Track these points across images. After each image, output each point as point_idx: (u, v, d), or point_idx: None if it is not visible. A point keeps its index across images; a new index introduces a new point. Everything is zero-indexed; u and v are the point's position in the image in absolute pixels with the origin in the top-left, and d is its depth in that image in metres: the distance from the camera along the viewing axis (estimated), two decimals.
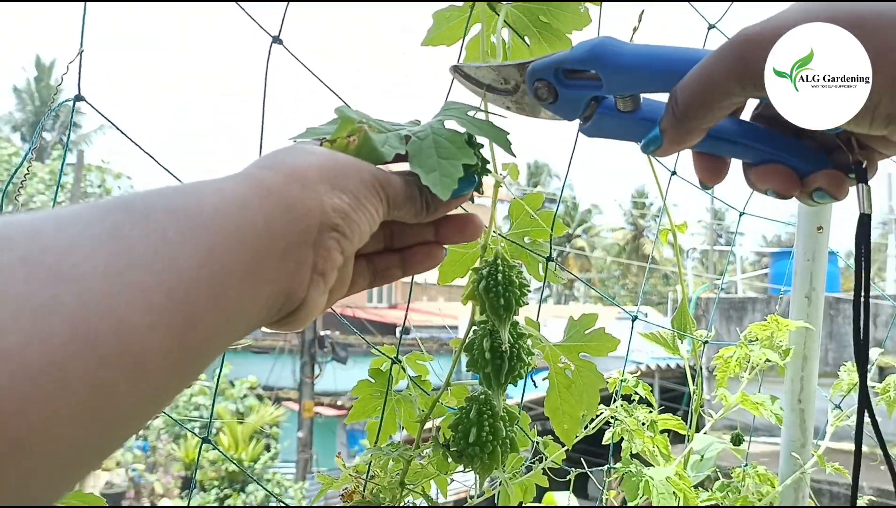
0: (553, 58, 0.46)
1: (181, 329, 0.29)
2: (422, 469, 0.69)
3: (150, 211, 0.31)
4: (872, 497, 1.38)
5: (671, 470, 0.97)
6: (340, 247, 0.41)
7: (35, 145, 0.66)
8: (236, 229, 0.34)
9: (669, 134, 0.42)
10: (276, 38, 0.73)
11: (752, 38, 0.38)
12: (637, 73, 0.43)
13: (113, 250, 0.28)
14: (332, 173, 0.41)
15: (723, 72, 0.38)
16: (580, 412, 0.73)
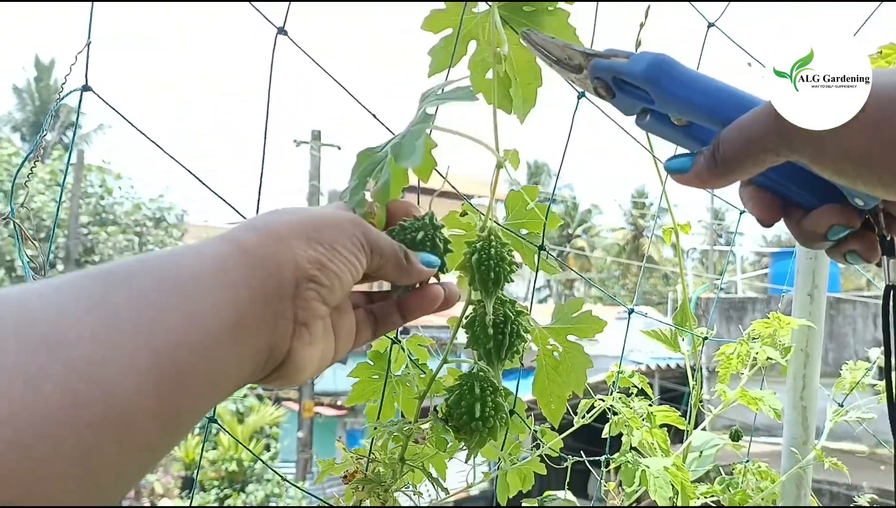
0: (611, 64, 0.47)
1: (168, 390, 0.30)
2: (420, 450, 0.71)
3: (134, 276, 0.32)
4: (873, 496, 1.38)
5: (669, 461, 0.97)
6: (320, 297, 0.43)
7: (39, 144, 0.66)
8: (216, 287, 0.36)
9: (701, 171, 0.44)
10: (280, 29, 0.73)
11: None
12: (687, 104, 0.44)
13: (99, 315, 0.29)
14: (308, 228, 0.43)
15: (762, 129, 0.40)
16: (567, 393, 0.76)
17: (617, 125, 0.99)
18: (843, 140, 0.37)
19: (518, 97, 0.77)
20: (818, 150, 0.38)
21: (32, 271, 0.64)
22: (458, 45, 0.75)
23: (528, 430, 0.84)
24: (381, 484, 0.69)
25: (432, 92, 0.56)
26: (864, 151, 0.36)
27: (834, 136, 0.37)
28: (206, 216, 20.23)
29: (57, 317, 0.28)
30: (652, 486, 0.92)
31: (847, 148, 0.37)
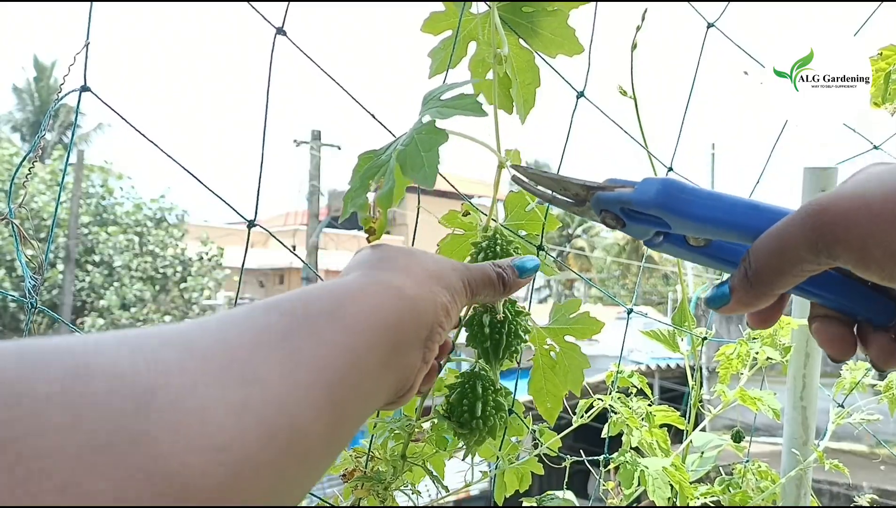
0: (617, 195, 0.46)
1: (333, 419, 0.35)
2: (420, 448, 0.71)
3: (309, 316, 0.37)
4: (873, 496, 1.38)
5: (668, 461, 0.97)
6: (440, 338, 0.48)
7: (39, 143, 0.66)
8: (374, 330, 0.40)
9: (740, 295, 0.42)
10: (279, 30, 0.74)
11: (828, 210, 0.37)
12: (707, 225, 0.42)
13: (284, 353, 0.34)
14: (439, 274, 0.49)
15: (798, 240, 0.38)
16: (563, 393, 0.77)
17: (617, 126, 0.99)
18: (888, 244, 0.35)
19: (518, 98, 0.78)
20: (862, 254, 0.36)
21: (31, 271, 0.64)
22: (457, 47, 0.75)
23: (527, 430, 0.85)
24: (380, 482, 0.69)
25: (435, 96, 0.56)
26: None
27: (880, 236, 0.35)
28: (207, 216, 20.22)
29: (251, 355, 0.33)
30: (650, 486, 0.92)
31: (889, 246, 0.35)
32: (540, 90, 0.78)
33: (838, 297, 0.42)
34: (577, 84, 0.93)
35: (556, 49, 0.76)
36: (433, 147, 0.51)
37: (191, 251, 15.00)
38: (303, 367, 0.34)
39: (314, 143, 11.99)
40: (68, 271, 11.88)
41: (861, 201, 0.36)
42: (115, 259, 13.98)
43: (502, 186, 0.66)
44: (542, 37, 0.75)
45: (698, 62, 1.09)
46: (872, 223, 0.35)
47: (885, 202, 0.35)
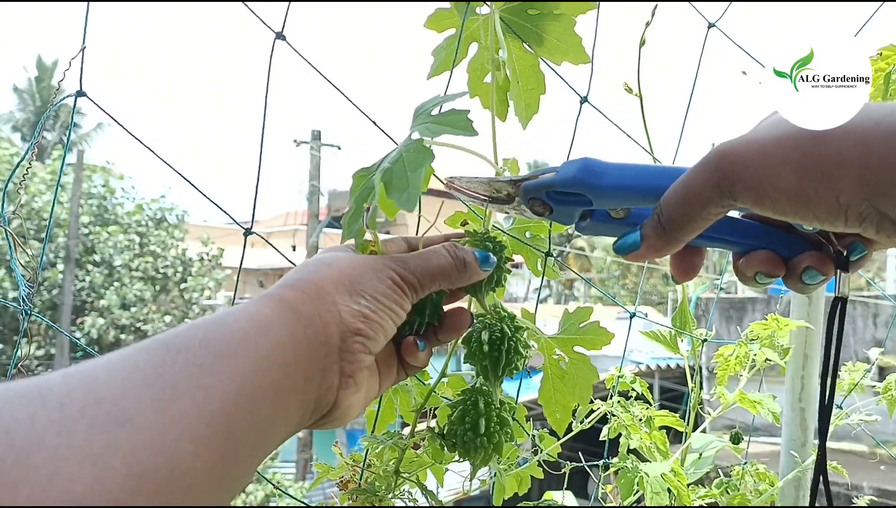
0: (541, 181, 0.49)
1: (223, 451, 0.33)
2: (417, 459, 0.70)
3: (188, 346, 0.35)
4: (873, 497, 1.38)
5: (667, 466, 0.97)
6: (366, 348, 0.45)
7: (35, 143, 0.66)
8: (265, 350, 0.38)
9: (651, 240, 0.45)
10: (279, 35, 0.73)
11: (728, 153, 0.40)
12: (622, 193, 0.46)
13: (159, 388, 0.32)
14: (349, 281, 0.46)
15: (703, 183, 0.41)
16: (573, 404, 0.75)
17: (616, 127, 0.99)
18: (778, 182, 0.38)
19: (520, 102, 0.76)
20: (759, 192, 0.39)
21: (25, 279, 0.64)
22: (460, 47, 0.74)
23: (527, 435, 0.84)
24: (375, 495, 0.68)
25: (426, 110, 0.54)
26: (799, 190, 0.38)
27: (773, 177, 0.39)
28: (206, 216, 20.22)
29: (121, 394, 0.31)
30: (648, 493, 0.92)
31: (784, 188, 0.38)
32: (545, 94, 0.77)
33: (744, 239, 0.46)
34: (580, 87, 0.92)
35: (561, 56, 0.75)
36: (419, 167, 0.48)
37: (191, 252, 15.00)
38: (180, 401, 0.32)
39: (314, 143, 11.99)
40: (68, 271, 11.88)
41: (756, 144, 0.39)
42: (116, 259, 13.98)
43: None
44: (548, 42, 0.74)
45: (699, 62, 1.09)
46: (765, 164, 0.39)
47: (776, 146, 0.39)
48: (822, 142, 0.38)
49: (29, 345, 2.18)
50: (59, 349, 11.67)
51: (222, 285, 15.47)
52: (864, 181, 0.36)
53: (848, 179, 0.37)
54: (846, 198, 0.37)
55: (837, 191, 0.37)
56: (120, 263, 13.93)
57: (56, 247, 13.08)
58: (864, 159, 0.36)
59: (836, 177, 0.37)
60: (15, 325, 12.86)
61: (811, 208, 0.38)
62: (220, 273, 15.45)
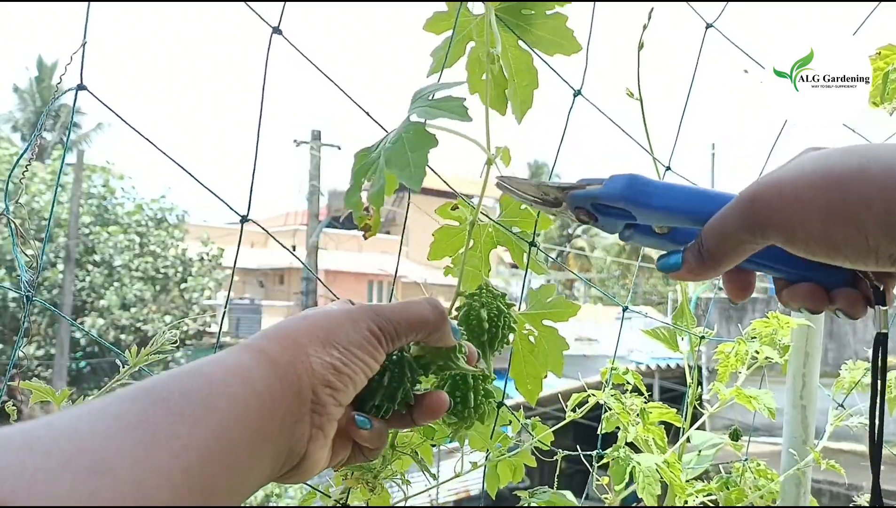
0: (588, 192, 0.51)
1: (199, 499, 0.35)
2: (408, 437, 0.73)
3: (169, 395, 0.37)
4: None
5: (661, 458, 0.97)
6: (336, 400, 0.46)
7: (35, 141, 0.66)
8: (243, 399, 0.39)
9: (691, 265, 0.47)
10: (276, 29, 0.74)
11: (758, 197, 0.42)
12: (667, 213, 0.48)
13: (139, 438, 0.34)
14: (324, 332, 0.46)
15: (737, 225, 0.43)
16: (543, 374, 0.79)
17: (617, 126, 0.99)
18: (808, 226, 0.40)
19: (515, 99, 0.79)
20: (789, 235, 0.41)
21: (27, 267, 0.64)
22: (455, 47, 0.76)
23: (519, 423, 0.87)
24: (370, 471, 0.69)
25: (424, 94, 0.56)
26: (827, 233, 0.40)
27: (801, 222, 0.40)
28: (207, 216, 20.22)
29: (103, 444, 0.32)
30: (640, 483, 0.93)
31: (813, 232, 0.40)
32: (540, 91, 0.79)
33: (789, 267, 0.47)
34: (576, 83, 0.93)
35: (554, 49, 0.77)
36: (420, 148, 0.51)
37: (191, 252, 15.01)
38: (159, 451, 0.34)
39: (314, 143, 11.99)
40: (68, 271, 11.88)
41: (785, 188, 0.41)
42: (116, 259, 13.98)
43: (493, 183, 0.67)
44: (541, 37, 0.76)
45: (697, 62, 1.09)
46: (794, 208, 0.40)
47: (803, 190, 0.40)
48: (847, 187, 0.39)
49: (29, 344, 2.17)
50: (58, 349, 11.66)
51: (222, 285, 15.47)
52: (890, 225, 0.38)
53: (874, 222, 0.38)
54: (874, 240, 0.39)
55: (865, 233, 0.39)
56: (120, 263, 13.93)
57: (56, 247, 13.08)
58: (889, 204, 0.38)
59: (862, 220, 0.38)
60: (15, 325, 12.86)
61: (841, 251, 0.40)
62: (220, 273, 15.45)
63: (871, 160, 0.39)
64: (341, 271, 17.77)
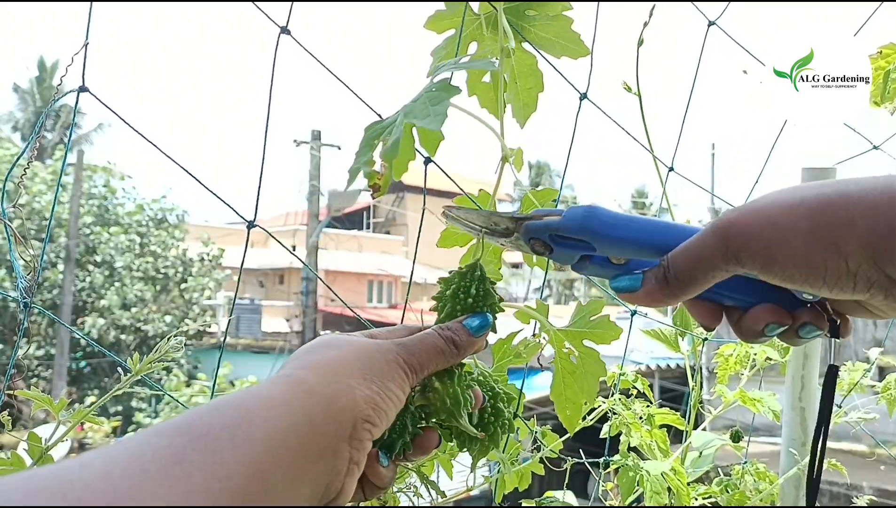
0: (546, 223, 0.50)
1: None
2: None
3: (208, 431, 0.36)
4: (873, 497, 1.38)
5: (667, 465, 0.97)
6: (371, 435, 0.45)
7: (34, 140, 0.66)
8: (284, 435, 0.39)
9: (651, 289, 0.47)
10: (283, 29, 0.74)
11: (734, 223, 0.42)
12: (628, 245, 0.48)
13: (176, 479, 0.33)
14: (360, 364, 0.46)
15: (710, 250, 0.43)
16: (583, 400, 0.74)
17: (618, 126, 0.99)
18: (787, 249, 0.40)
19: (518, 101, 0.78)
20: (768, 260, 0.41)
21: (25, 272, 0.64)
22: (459, 47, 0.75)
23: (530, 432, 0.85)
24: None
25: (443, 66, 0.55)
26: (808, 257, 0.40)
27: (779, 246, 0.40)
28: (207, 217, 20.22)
29: (139, 485, 0.32)
30: (648, 492, 0.93)
31: (794, 256, 0.40)
32: (544, 92, 0.79)
33: (745, 296, 0.47)
34: (580, 85, 0.93)
35: (560, 51, 0.76)
36: (442, 101, 0.49)
37: (192, 252, 15.00)
38: (197, 492, 0.33)
39: (314, 143, 11.99)
40: (68, 272, 11.87)
41: (763, 213, 0.41)
42: (117, 259, 13.98)
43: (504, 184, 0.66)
44: (546, 39, 0.75)
45: (699, 61, 1.09)
46: (774, 233, 0.40)
47: (785, 215, 0.40)
48: (831, 211, 0.39)
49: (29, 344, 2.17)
50: (58, 349, 11.66)
51: (223, 285, 15.47)
52: (873, 247, 0.38)
53: (857, 245, 0.38)
54: (855, 264, 0.39)
55: (846, 256, 0.39)
56: (121, 263, 13.93)
57: (57, 247, 13.08)
58: (873, 227, 0.38)
59: (845, 242, 0.38)
60: (15, 325, 12.85)
61: (820, 274, 0.40)
62: (221, 273, 15.45)
63: (851, 186, 0.39)
64: (341, 271, 17.76)
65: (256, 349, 14.51)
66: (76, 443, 10.50)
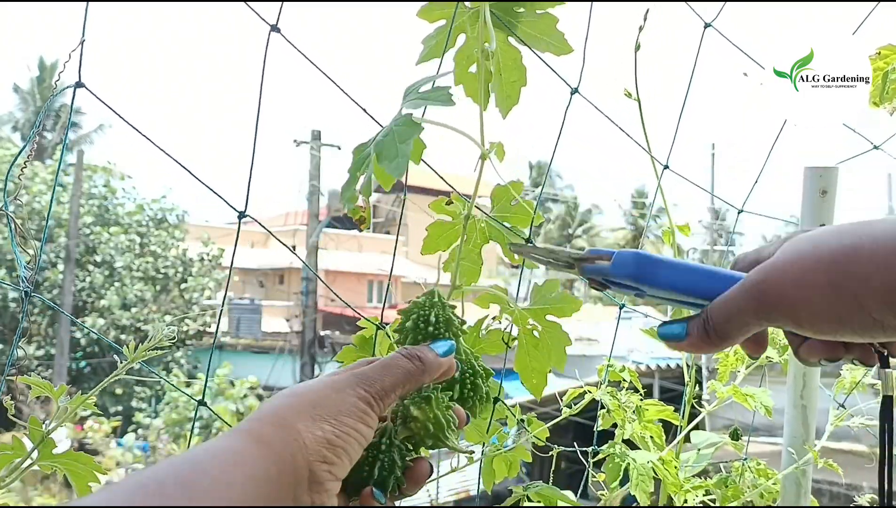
0: (598, 268, 0.54)
1: None
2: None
3: (162, 489, 0.36)
4: (874, 496, 1.38)
5: (656, 455, 0.97)
6: (332, 475, 0.45)
7: (32, 141, 0.66)
8: (240, 487, 0.39)
9: (695, 340, 0.49)
10: (273, 27, 0.75)
11: (763, 283, 0.45)
12: (672, 290, 0.50)
13: None
14: (310, 407, 0.46)
15: (743, 309, 0.46)
16: (548, 368, 0.81)
17: (613, 123, 0.99)
18: (813, 308, 0.42)
19: (502, 94, 0.79)
20: (795, 318, 0.44)
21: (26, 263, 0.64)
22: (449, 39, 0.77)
23: (514, 419, 0.87)
24: None
25: (414, 88, 0.58)
26: (833, 312, 0.42)
27: (806, 306, 0.43)
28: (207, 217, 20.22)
29: None
30: (634, 480, 0.93)
31: (819, 313, 0.42)
32: (543, 92, 0.80)
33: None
34: (574, 82, 0.93)
35: (545, 48, 0.78)
36: (408, 138, 0.53)
37: (192, 252, 15.01)
38: None
39: (314, 143, 11.99)
40: (68, 272, 11.87)
41: (789, 274, 0.44)
42: (117, 259, 13.99)
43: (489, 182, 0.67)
44: (532, 35, 0.77)
45: (695, 61, 1.09)
46: (799, 293, 0.43)
47: (807, 273, 0.43)
48: (844, 267, 0.41)
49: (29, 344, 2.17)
50: (58, 349, 11.66)
51: (222, 285, 15.47)
52: (891, 299, 0.40)
53: (875, 298, 0.40)
54: (879, 315, 0.41)
55: (869, 310, 0.41)
56: (121, 263, 13.94)
57: (56, 247, 13.08)
58: (887, 282, 0.40)
59: (865, 297, 0.41)
60: (15, 325, 12.84)
61: (849, 326, 0.42)
62: (221, 273, 15.45)
63: (864, 238, 0.41)
64: (341, 271, 17.77)
65: (256, 349, 14.51)
66: (76, 443, 10.51)
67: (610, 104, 0.99)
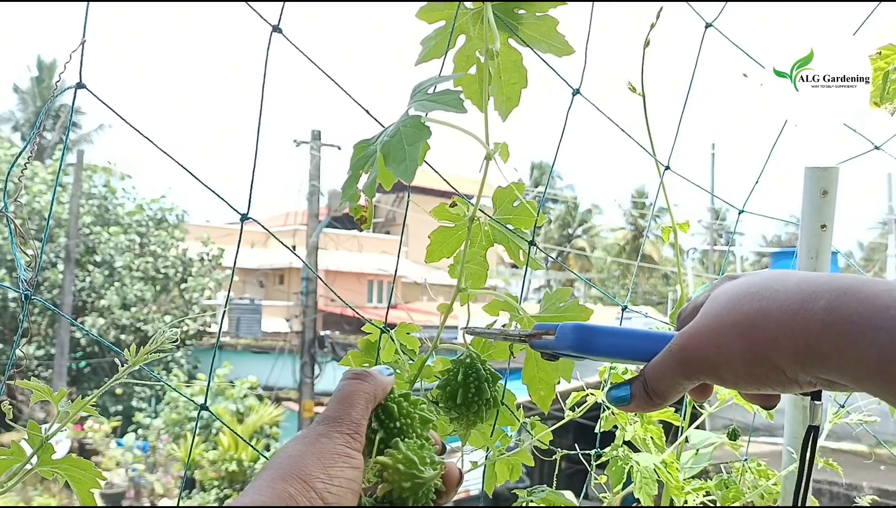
0: (545, 343, 0.58)
1: None
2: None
3: None
4: (874, 496, 1.38)
5: (659, 458, 0.97)
6: None
7: (33, 141, 0.66)
8: None
9: (639, 401, 0.52)
10: (275, 28, 0.74)
11: (685, 348, 0.48)
12: (611, 356, 0.54)
13: None
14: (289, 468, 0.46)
15: (672, 371, 0.49)
16: (556, 380, 0.79)
17: (618, 128, 0.99)
18: (731, 369, 0.46)
19: (501, 95, 0.79)
20: (719, 378, 0.47)
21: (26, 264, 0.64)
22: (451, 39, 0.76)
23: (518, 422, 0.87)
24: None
25: (423, 88, 0.57)
26: (750, 373, 0.45)
27: (725, 367, 0.46)
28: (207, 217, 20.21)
29: None
30: (637, 483, 0.93)
31: (738, 373, 0.46)
32: (545, 93, 0.80)
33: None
34: (576, 84, 0.93)
35: (546, 49, 0.78)
36: (416, 141, 0.52)
37: (192, 252, 15.01)
38: None
39: (314, 143, 11.99)
40: (68, 271, 11.87)
41: (706, 337, 0.47)
42: (117, 259, 13.99)
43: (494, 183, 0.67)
44: (534, 38, 0.77)
45: (696, 62, 1.09)
46: (718, 355, 0.46)
47: (723, 337, 0.46)
48: (757, 331, 0.44)
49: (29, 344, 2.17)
50: (58, 349, 11.66)
51: (222, 285, 15.47)
52: (800, 361, 0.43)
53: (785, 359, 0.43)
54: (792, 373, 0.44)
55: (782, 369, 0.44)
56: (120, 263, 13.94)
57: (56, 247, 13.08)
58: (794, 344, 0.42)
59: (777, 358, 0.43)
60: (15, 325, 12.85)
61: (766, 383, 0.45)
62: (221, 273, 15.45)
63: (770, 301, 0.44)
64: (341, 271, 17.77)
65: (256, 349, 14.51)
66: (76, 443, 10.51)
67: (610, 105, 0.99)
